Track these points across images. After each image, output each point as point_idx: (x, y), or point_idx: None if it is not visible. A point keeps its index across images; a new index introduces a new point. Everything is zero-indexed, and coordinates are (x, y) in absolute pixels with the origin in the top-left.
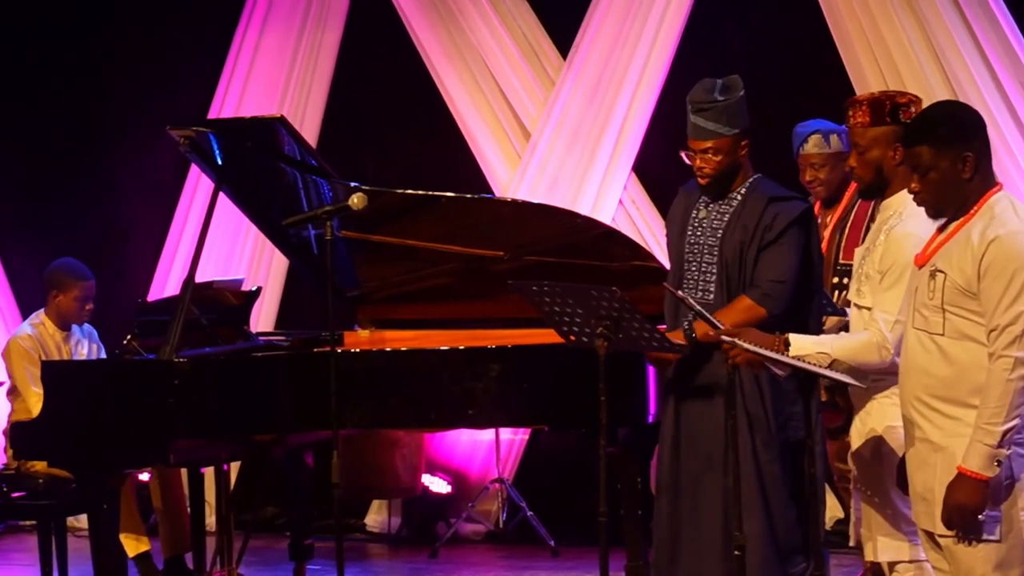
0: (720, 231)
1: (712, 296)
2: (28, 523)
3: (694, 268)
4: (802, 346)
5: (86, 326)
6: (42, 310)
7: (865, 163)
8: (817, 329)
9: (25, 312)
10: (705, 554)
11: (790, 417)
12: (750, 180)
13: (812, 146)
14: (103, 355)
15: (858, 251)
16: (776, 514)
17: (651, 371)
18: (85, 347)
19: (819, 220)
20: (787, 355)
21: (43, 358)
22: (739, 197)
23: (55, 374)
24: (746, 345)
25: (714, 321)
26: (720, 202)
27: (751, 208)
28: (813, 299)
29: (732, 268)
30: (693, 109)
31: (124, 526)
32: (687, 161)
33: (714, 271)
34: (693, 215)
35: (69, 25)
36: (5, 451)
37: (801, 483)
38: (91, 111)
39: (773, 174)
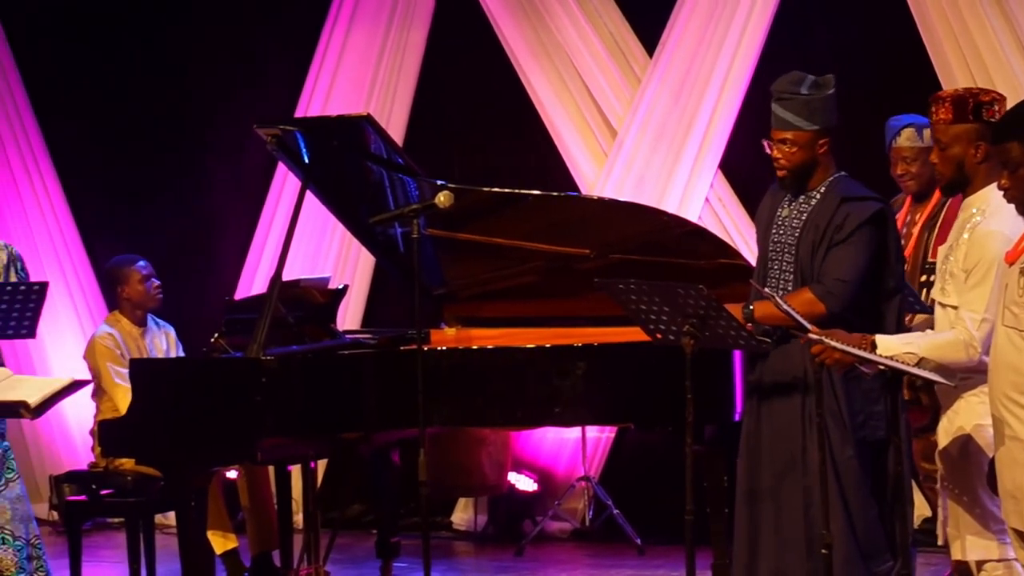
0: (798, 230)
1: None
2: (116, 520)
3: (776, 266)
4: (889, 346)
5: (162, 323)
6: (116, 311)
7: (946, 159)
8: (899, 328)
9: (112, 309)
10: (787, 552)
11: (870, 416)
12: (831, 179)
13: (904, 139)
14: (180, 351)
15: (941, 249)
16: (856, 512)
17: (738, 369)
18: (163, 342)
19: (909, 217)
20: (875, 355)
21: (123, 354)
22: (818, 196)
23: (143, 372)
24: (837, 345)
25: (803, 322)
26: (800, 200)
27: (825, 207)
28: (893, 298)
29: (806, 267)
30: (775, 98)
31: (211, 523)
32: (767, 150)
33: (792, 269)
34: (777, 213)
35: (158, 24)
36: (93, 449)
37: (881, 482)
38: (179, 110)
39: (857, 172)
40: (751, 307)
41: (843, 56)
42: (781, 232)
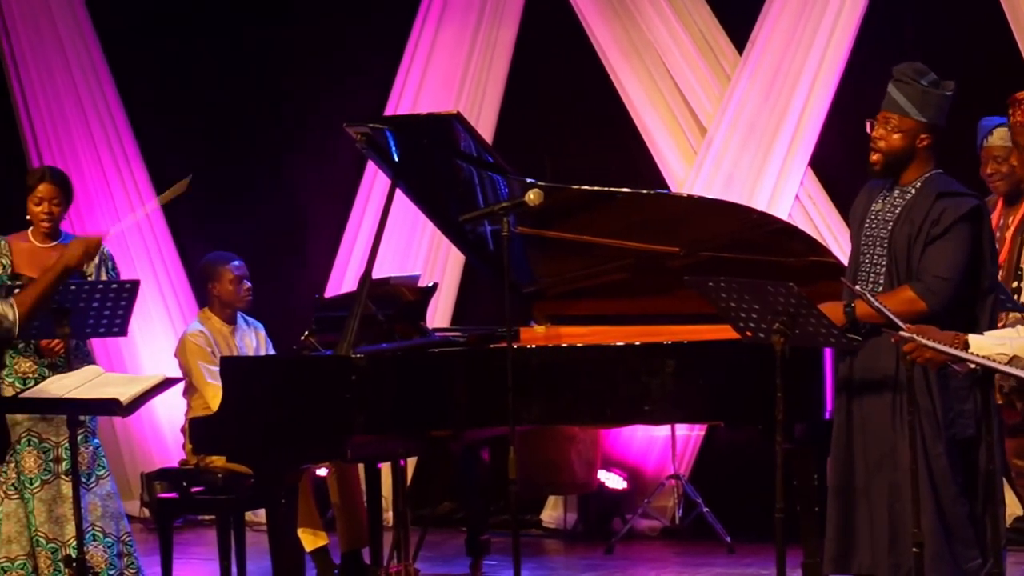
0: (891, 223)
1: (881, 288)
2: (207, 517)
3: (867, 261)
4: (982, 345)
5: (252, 321)
6: (206, 308)
7: None
8: (991, 326)
9: (203, 307)
10: (877, 549)
11: (959, 414)
12: (927, 175)
13: (997, 138)
14: (270, 349)
15: None
16: (946, 508)
17: (828, 367)
18: (253, 340)
19: (1001, 220)
20: (968, 354)
21: (214, 352)
22: (913, 191)
23: (234, 370)
24: (931, 343)
25: (896, 320)
26: (895, 194)
27: (921, 202)
28: (987, 297)
29: (900, 262)
30: (894, 78)
31: (302, 521)
32: (868, 129)
33: (884, 263)
34: (871, 208)
35: (249, 23)
36: (184, 447)
37: (972, 480)
38: (270, 109)
39: (947, 170)
40: (852, 306)
41: (933, 54)
42: (874, 226)
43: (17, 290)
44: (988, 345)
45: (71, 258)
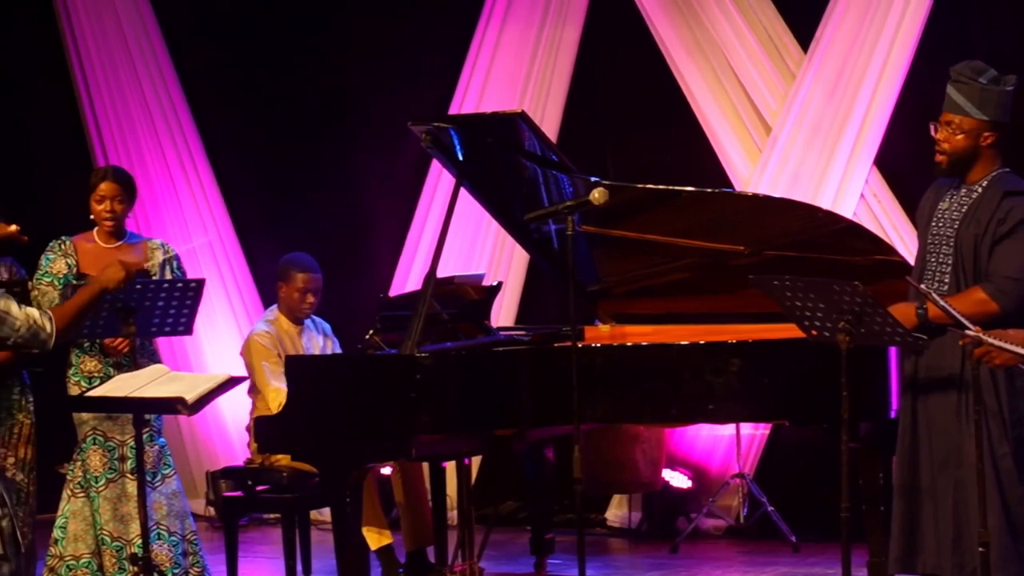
0: (957, 222)
1: (947, 287)
2: (272, 516)
3: (933, 260)
4: None
5: (319, 320)
6: (275, 306)
7: None
8: None
9: (268, 306)
10: (941, 548)
11: None
12: (994, 174)
13: None
14: (337, 349)
15: None
16: (1012, 508)
17: (893, 366)
18: (319, 341)
19: None
20: None
21: (280, 353)
22: (979, 190)
23: (299, 368)
24: (1000, 344)
25: (964, 321)
26: (962, 193)
27: (987, 201)
28: None
29: (967, 260)
30: (952, 79)
31: (367, 519)
32: (932, 132)
33: (950, 262)
34: (938, 207)
35: (312, 23)
36: (249, 446)
37: None
38: (333, 107)
39: (1017, 166)
40: (925, 308)
41: (999, 52)
42: (940, 225)
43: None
44: None
45: (109, 281)
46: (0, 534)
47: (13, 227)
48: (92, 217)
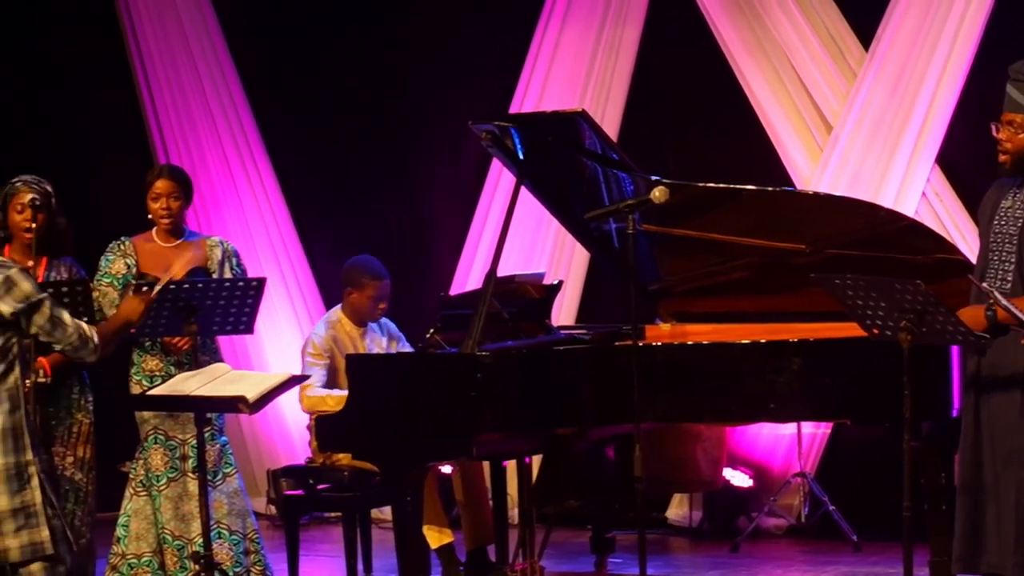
0: (1021, 220)
1: (1009, 286)
2: (333, 515)
3: (995, 258)
4: None
5: (385, 321)
6: (339, 307)
7: None
8: None
9: (329, 305)
10: (1004, 547)
11: None
12: None
13: None
14: (403, 346)
15: None
16: None
17: (955, 364)
18: (383, 342)
19: None
20: None
21: (337, 355)
22: None
23: (360, 367)
24: None
25: (1022, 317)
26: None
27: None
28: None
29: None
30: (1010, 78)
31: (427, 518)
32: (994, 132)
33: (1013, 260)
34: (1001, 205)
35: (372, 22)
36: (310, 444)
37: None
38: (394, 107)
39: None
40: (994, 309)
41: None
42: (1003, 223)
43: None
44: None
45: (132, 313)
46: (52, 535)
47: None
48: (149, 216)
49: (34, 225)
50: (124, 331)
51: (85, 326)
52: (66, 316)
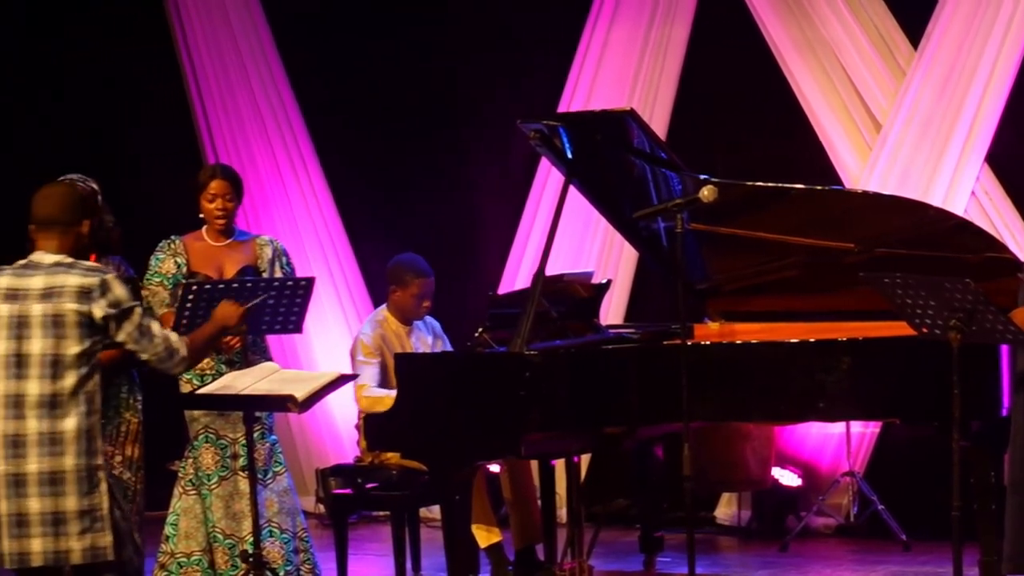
0: None
1: None
2: (382, 514)
3: None
4: None
5: (429, 320)
6: (384, 306)
7: None
8: None
9: (377, 305)
10: None
11: None
12: None
13: None
14: (447, 346)
15: None
16: None
17: (1005, 363)
18: (428, 340)
19: None
20: None
21: (385, 353)
22: None
23: (409, 366)
24: None
25: None
26: None
27: None
28: None
29: None
30: None
31: (476, 517)
32: None
33: None
34: None
35: (421, 21)
36: (358, 443)
37: None
38: (442, 106)
39: None
40: None
41: None
42: None
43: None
44: None
45: (228, 318)
46: (117, 537)
47: None
48: (202, 215)
49: None
50: (219, 338)
51: (174, 337)
52: (155, 326)
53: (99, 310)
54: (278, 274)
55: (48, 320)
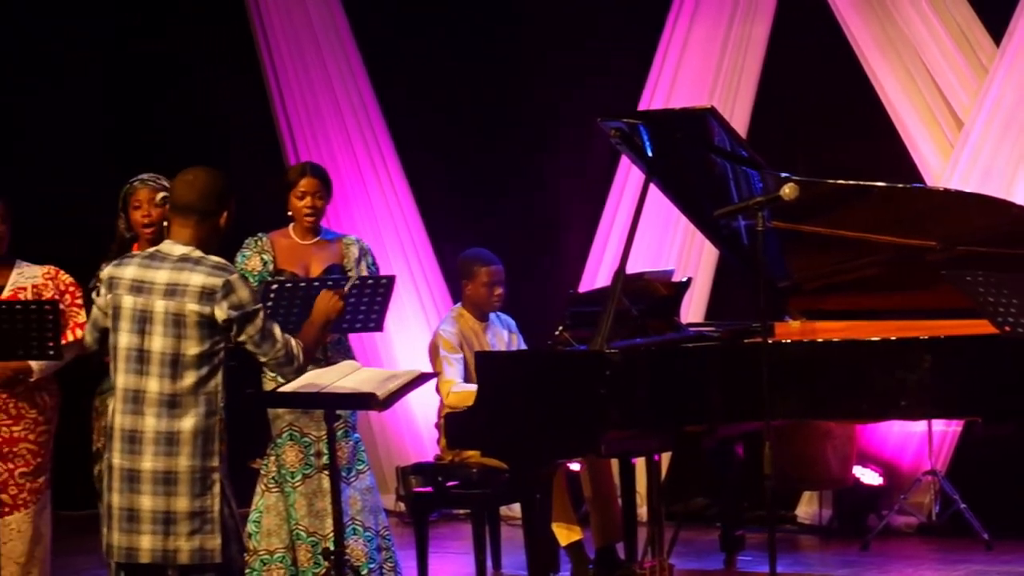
0: None
1: None
2: (462, 512)
3: None
4: None
5: (504, 316)
6: (459, 304)
7: None
8: None
9: (457, 303)
10: None
11: None
12: None
13: None
14: (522, 344)
15: None
16: None
17: None
18: (504, 336)
19: None
20: None
21: (462, 349)
22: None
23: (489, 365)
24: None
25: None
26: None
27: None
28: None
29: None
30: None
31: (556, 516)
32: None
33: None
34: None
35: (501, 19)
36: (439, 442)
37: None
38: (523, 104)
39: None
40: None
41: None
42: None
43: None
44: None
45: (332, 311)
46: (225, 537)
47: None
48: (290, 213)
49: (151, 220)
50: (327, 331)
51: (295, 343)
52: (277, 331)
53: (221, 312)
54: (364, 273)
55: (170, 319)
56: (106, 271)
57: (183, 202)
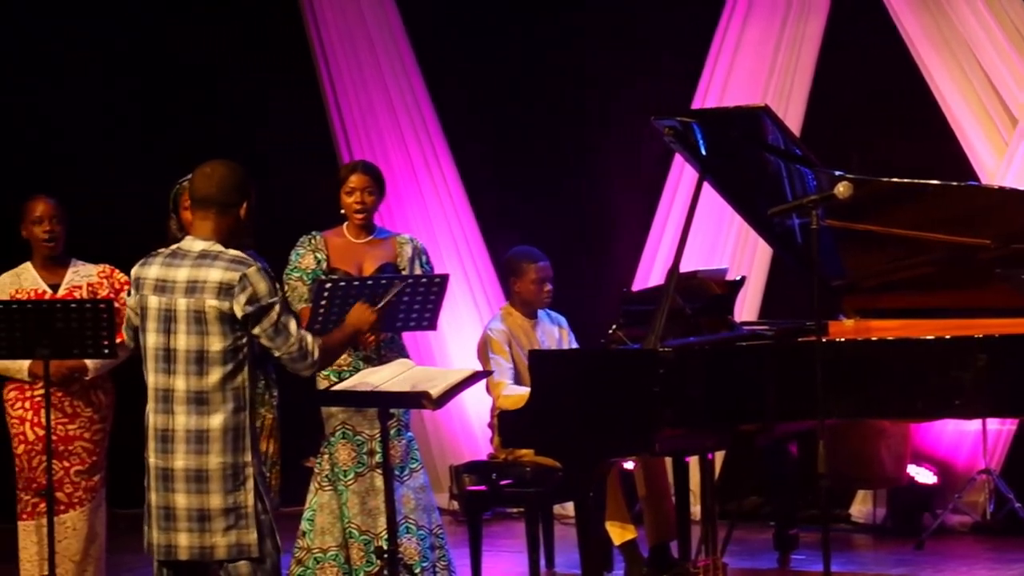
0: None
1: None
2: (516, 510)
3: None
4: None
5: (553, 313)
6: (507, 303)
7: None
8: None
9: (506, 302)
10: None
11: None
12: None
13: None
14: (572, 342)
15: None
16: None
17: None
18: (555, 332)
19: None
20: None
21: (521, 348)
22: None
23: (542, 363)
24: None
25: None
26: None
27: None
28: None
29: None
30: None
31: (610, 514)
32: None
33: None
34: None
35: (553, 17)
36: (492, 440)
37: None
38: (575, 103)
39: None
40: None
41: None
42: None
43: (327, 284)
44: None
45: (363, 323)
46: (260, 532)
47: None
48: (342, 211)
49: None
50: (353, 341)
51: (310, 339)
52: (292, 325)
53: (239, 307)
54: (418, 272)
55: (191, 316)
56: (133, 271)
57: (202, 195)
